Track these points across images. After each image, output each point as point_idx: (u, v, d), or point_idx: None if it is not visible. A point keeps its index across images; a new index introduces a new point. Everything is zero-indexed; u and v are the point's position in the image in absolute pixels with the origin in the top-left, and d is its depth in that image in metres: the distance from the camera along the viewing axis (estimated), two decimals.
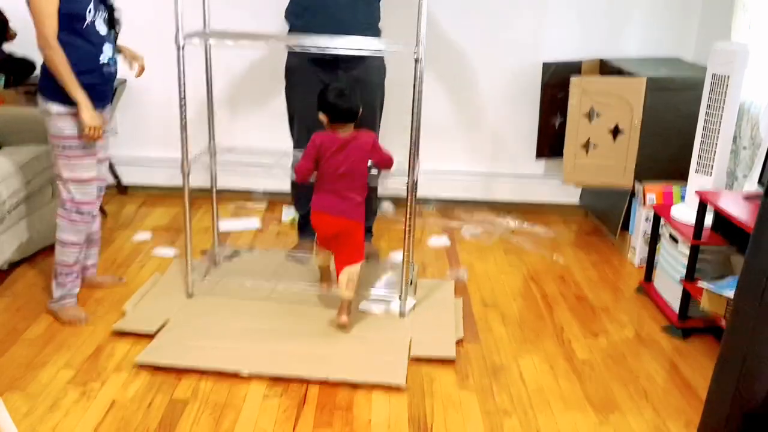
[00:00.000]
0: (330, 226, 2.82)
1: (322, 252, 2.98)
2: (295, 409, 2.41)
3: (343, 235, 2.83)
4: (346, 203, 2.79)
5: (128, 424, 2.31)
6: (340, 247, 2.87)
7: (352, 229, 2.83)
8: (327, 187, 2.79)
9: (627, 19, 4.06)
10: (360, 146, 2.75)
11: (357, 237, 2.85)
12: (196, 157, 3.04)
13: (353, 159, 2.74)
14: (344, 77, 3.20)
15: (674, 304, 3.03)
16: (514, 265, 3.62)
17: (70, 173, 2.75)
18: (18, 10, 2.67)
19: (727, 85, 2.88)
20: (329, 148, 2.72)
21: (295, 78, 3.28)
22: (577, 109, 3.60)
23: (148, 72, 2.99)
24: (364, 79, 3.24)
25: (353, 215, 2.81)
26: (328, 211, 2.80)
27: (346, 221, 2.80)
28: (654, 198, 3.49)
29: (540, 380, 2.63)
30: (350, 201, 2.79)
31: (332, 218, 2.80)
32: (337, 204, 2.78)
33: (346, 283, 2.84)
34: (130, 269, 3.38)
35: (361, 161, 2.76)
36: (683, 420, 2.43)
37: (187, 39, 2.76)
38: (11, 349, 2.69)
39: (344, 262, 2.86)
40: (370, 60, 3.21)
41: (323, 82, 3.23)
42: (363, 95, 3.25)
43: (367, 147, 2.76)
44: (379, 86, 3.34)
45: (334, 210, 2.79)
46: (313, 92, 3.24)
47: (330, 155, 2.73)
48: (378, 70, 3.31)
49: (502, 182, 4.31)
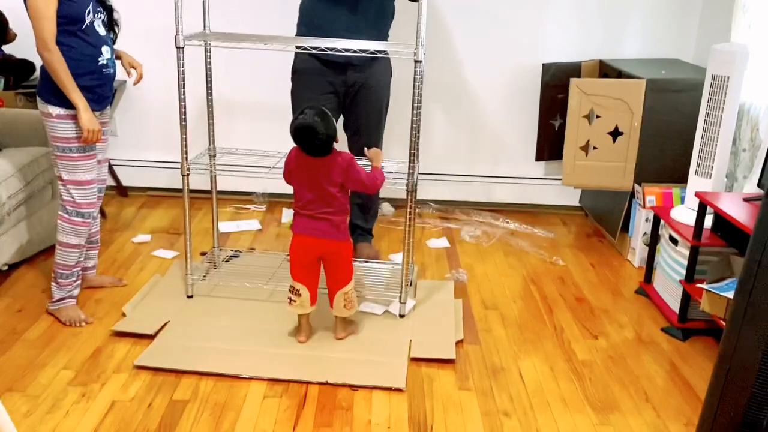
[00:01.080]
0: (312, 248, 2.65)
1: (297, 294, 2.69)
2: (295, 409, 2.41)
3: (330, 258, 2.68)
4: (324, 224, 2.62)
5: (128, 424, 2.30)
6: (329, 271, 2.71)
7: (338, 248, 2.67)
8: (301, 207, 2.64)
9: (627, 20, 4.06)
10: (329, 172, 2.57)
11: (344, 257, 2.70)
12: (196, 159, 3.04)
13: (321, 183, 2.58)
14: (345, 83, 3.21)
15: (674, 306, 3.03)
16: (514, 266, 3.62)
17: (70, 175, 2.75)
18: (18, 12, 2.67)
19: (727, 86, 2.88)
20: (298, 165, 2.61)
21: (303, 79, 3.28)
22: (577, 111, 3.60)
23: (148, 74, 2.99)
24: (372, 81, 3.26)
25: (335, 235, 2.65)
26: (309, 233, 2.63)
27: (328, 242, 2.64)
28: (654, 200, 3.49)
29: (540, 381, 2.63)
30: (328, 222, 2.62)
31: (314, 240, 2.63)
32: (316, 225, 2.62)
33: (343, 305, 2.73)
34: (130, 271, 3.38)
35: (330, 185, 2.58)
36: (683, 420, 2.43)
37: (187, 41, 2.77)
38: (11, 350, 2.69)
39: (335, 285, 2.71)
40: (378, 62, 3.22)
41: (331, 84, 3.24)
42: (370, 97, 3.27)
43: (338, 170, 2.57)
44: (386, 88, 3.36)
45: (316, 231, 2.63)
46: (320, 94, 3.26)
47: (298, 175, 2.62)
48: (385, 72, 3.33)
49: (501, 184, 4.31)
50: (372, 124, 3.36)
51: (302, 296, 2.69)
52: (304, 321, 2.78)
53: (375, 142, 3.33)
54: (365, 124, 3.35)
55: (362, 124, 3.35)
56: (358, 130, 3.37)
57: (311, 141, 2.53)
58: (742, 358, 1.86)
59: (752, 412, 1.88)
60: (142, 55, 2.98)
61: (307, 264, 2.68)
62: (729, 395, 1.91)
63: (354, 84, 3.24)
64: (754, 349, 1.83)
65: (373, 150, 2.82)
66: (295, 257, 2.69)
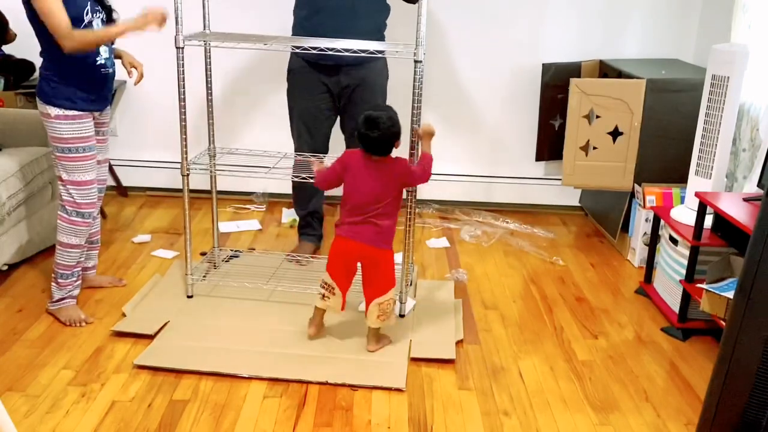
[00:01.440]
0: (352, 252, 2.63)
1: (332, 292, 2.68)
2: (295, 409, 2.41)
3: (368, 264, 2.64)
4: (370, 229, 2.60)
5: (128, 424, 2.30)
6: (366, 278, 2.67)
7: (377, 256, 2.63)
8: (352, 210, 2.61)
9: (626, 20, 4.07)
10: (391, 172, 2.58)
11: (383, 265, 2.64)
12: (196, 159, 3.04)
13: (382, 184, 2.57)
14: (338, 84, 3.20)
15: (674, 306, 3.03)
16: (514, 266, 3.62)
17: (70, 176, 2.75)
18: (18, 12, 2.66)
19: (727, 86, 2.88)
20: (357, 168, 2.59)
21: (297, 79, 3.28)
22: (577, 111, 3.60)
23: (148, 74, 2.99)
24: (365, 83, 3.25)
25: (377, 242, 2.61)
26: (352, 236, 2.61)
27: (368, 248, 2.61)
28: (654, 200, 3.49)
29: (540, 381, 2.63)
30: (377, 227, 2.60)
31: (355, 244, 2.62)
32: (361, 230, 2.60)
33: (376, 316, 2.67)
34: (130, 271, 3.38)
35: (391, 188, 2.59)
36: (683, 420, 2.43)
37: (186, 41, 2.77)
38: (11, 350, 2.69)
39: (371, 294, 2.66)
40: (372, 64, 3.21)
41: (325, 85, 3.24)
42: (364, 98, 3.26)
43: (400, 172, 2.60)
44: (381, 89, 3.35)
45: (359, 236, 2.60)
46: (314, 94, 3.25)
47: (356, 177, 2.59)
48: (380, 73, 3.32)
49: (501, 184, 4.31)
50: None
51: (336, 295, 2.69)
52: (319, 317, 2.78)
53: None
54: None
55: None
56: (353, 131, 3.35)
57: (375, 134, 2.50)
58: (742, 358, 1.86)
59: (752, 412, 1.88)
60: (142, 55, 2.98)
61: (344, 266, 2.68)
62: (729, 395, 1.91)
63: (348, 86, 3.24)
64: (754, 349, 1.84)
65: (425, 126, 2.67)
66: (334, 258, 2.68)
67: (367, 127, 2.52)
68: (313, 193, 3.47)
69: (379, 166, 2.59)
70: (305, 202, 3.53)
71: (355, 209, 2.61)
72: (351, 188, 2.62)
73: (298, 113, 3.33)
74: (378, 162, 2.59)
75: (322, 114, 3.30)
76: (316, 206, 3.57)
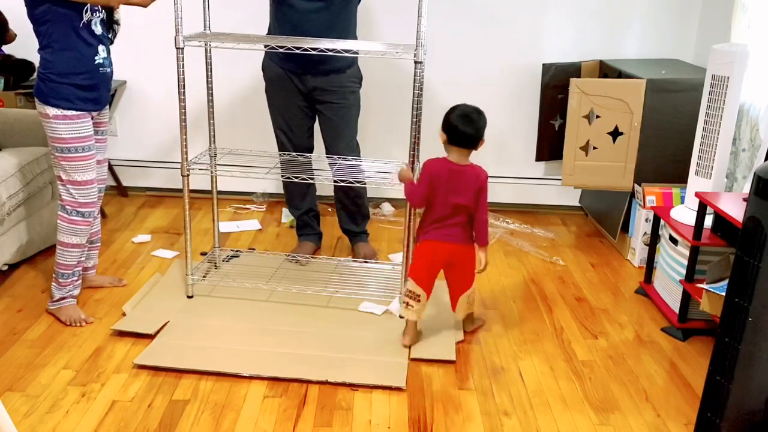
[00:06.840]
0: (443, 253, 2.71)
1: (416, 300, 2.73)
2: (295, 409, 2.41)
3: (457, 262, 2.74)
4: (456, 230, 2.69)
5: (128, 424, 2.30)
6: (455, 276, 2.79)
7: (468, 253, 2.75)
8: (439, 219, 2.68)
9: (626, 20, 4.07)
10: (476, 177, 2.65)
11: (469, 260, 2.76)
12: (196, 159, 3.04)
13: (465, 193, 2.64)
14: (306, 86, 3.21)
15: (674, 306, 3.03)
16: (514, 266, 3.62)
17: (70, 176, 2.75)
18: (18, 12, 2.67)
19: (727, 86, 2.89)
20: (441, 176, 2.63)
21: (272, 81, 3.29)
22: (577, 111, 3.60)
23: (148, 74, 2.99)
24: (332, 87, 3.22)
25: (465, 239, 2.72)
26: (441, 238, 2.70)
27: (459, 246, 2.71)
28: (654, 200, 3.49)
29: (540, 381, 2.63)
30: (462, 226, 2.69)
31: (445, 245, 2.70)
32: (449, 231, 2.69)
33: (466, 306, 2.83)
34: (130, 270, 3.38)
35: (471, 194, 2.65)
36: (683, 420, 2.43)
37: (186, 41, 2.77)
38: (11, 350, 2.69)
39: (460, 289, 2.80)
40: (341, 66, 3.19)
41: (297, 87, 3.23)
42: (333, 101, 3.24)
43: (481, 178, 2.66)
44: (350, 93, 3.30)
45: (448, 237, 2.69)
46: (291, 95, 3.24)
47: (442, 185, 2.64)
48: (347, 78, 3.27)
49: (501, 184, 4.31)
50: (340, 129, 3.31)
51: (421, 302, 2.73)
52: (412, 325, 2.80)
53: (349, 143, 3.33)
54: (333, 127, 3.30)
55: (331, 127, 3.31)
56: (329, 133, 3.34)
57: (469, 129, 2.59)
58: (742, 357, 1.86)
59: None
60: (142, 55, 2.98)
61: (431, 269, 2.73)
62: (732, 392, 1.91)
63: (314, 89, 3.22)
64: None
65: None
66: (422, 262, 2.73)
67: (464, 122, 2.60)
68: (306, 190, 3.46)
69: (462, 176, 2.64)
70: (299, 201, 3.51)
71: (442, 218, 2.68)
72: (438, 200, 2.66)
73: (271, 109, 3.34)
74: (460, 169, 2.64)
75: (300, 111, 3.31)
76: (311, 204, 3.55)
